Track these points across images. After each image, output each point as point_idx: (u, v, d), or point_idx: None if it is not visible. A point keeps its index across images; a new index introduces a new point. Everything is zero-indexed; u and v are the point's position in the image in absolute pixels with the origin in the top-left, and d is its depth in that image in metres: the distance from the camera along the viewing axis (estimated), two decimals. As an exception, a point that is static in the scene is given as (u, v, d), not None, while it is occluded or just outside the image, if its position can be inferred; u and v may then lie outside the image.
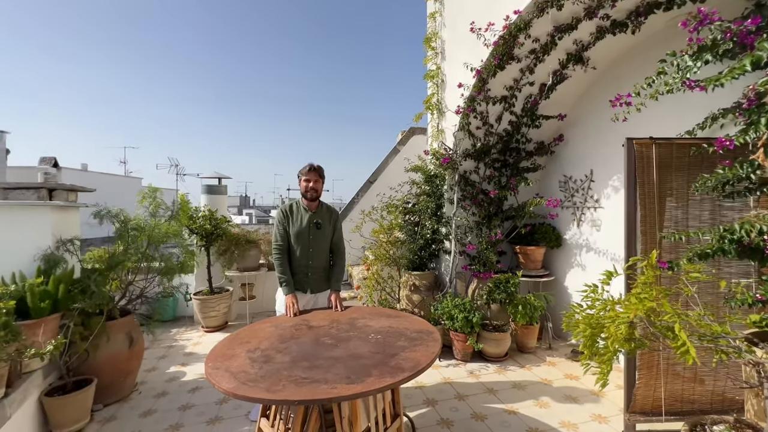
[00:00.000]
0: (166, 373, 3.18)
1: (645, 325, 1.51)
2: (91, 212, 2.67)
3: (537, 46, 2.98)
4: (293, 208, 2.62)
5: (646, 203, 2.10)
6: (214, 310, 4.19)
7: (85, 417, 2.40)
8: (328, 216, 2.66)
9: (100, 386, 2.53)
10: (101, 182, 12.49)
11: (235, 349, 1.80)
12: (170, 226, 3.08)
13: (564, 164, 3.78)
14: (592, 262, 3.49)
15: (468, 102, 3.46)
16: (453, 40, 3.88)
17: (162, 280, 3.02)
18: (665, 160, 2.13)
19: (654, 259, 1.37)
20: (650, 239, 2.13)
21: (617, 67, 3.16)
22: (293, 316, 2.32)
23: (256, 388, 1.40)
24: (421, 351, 1.71)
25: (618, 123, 3.04)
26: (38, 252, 2.40)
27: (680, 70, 1.85)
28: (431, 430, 2.30)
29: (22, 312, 2.12)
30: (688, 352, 1.10)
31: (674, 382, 2.15)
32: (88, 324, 2.50)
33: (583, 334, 1.44)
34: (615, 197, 3.22)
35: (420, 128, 5.55)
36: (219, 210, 4.50)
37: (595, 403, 2.58)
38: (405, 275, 3.88)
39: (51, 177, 2.62)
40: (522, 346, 3.49)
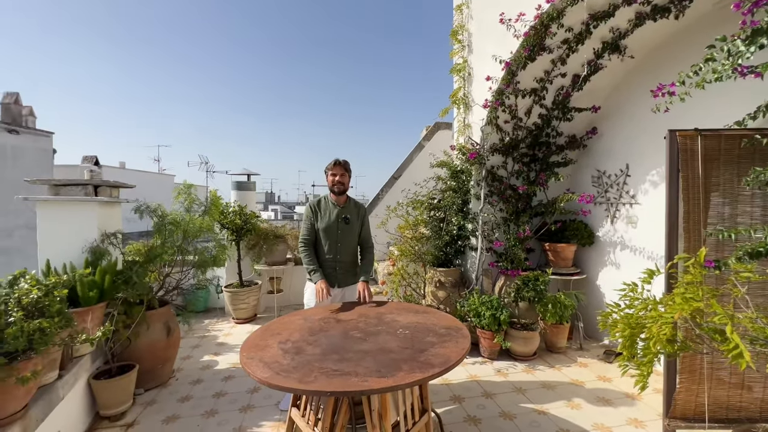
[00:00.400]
0: (200, 362, 3.33)
1: (690, 326, 1.43)
2: (132, 207, 2.81)
3: (570, 35, 2.87)
4: (321, 204, 2.66)
5: (689, 198, 1.99)
6: (244, 302, 4.33)
7: (128, 400, 2.55)
8: (356, 211, 2.69)
9: (141, 372, 2.67)
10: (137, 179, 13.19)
11: (267, 340, 1.86)
12: (203, 221, 3.20)
13: (597, 158, 3.64)
14: (627, 261, 3.34)
15: (496, 95, 3.39)
16: (480, 32, 3.80)
17: (196, 272, 3.15)
18: (711, 153, 2.01)
19: (702, 257, 1.30)
20: (694, 236, 2.01)
21: (657, 55, 2.99)
22: (325, 297, 2.38)
23: (289, 379, 1.43)
24: (450, 347, 1.70)
25: (658, 114, 2.90)
26: (86, 244, 2.56)
27: (731, 56, 1.73)
28: (458, 426, 2.29)
29: (72, 300, 2.27)
30: (741, 356, 1.03)
31: (718, 387, 2.03)
32: (129, 313, 2.65)
33: (622, 335, 1.38)
34: (653, 192, 3.06)
35: (445, 123, 5.48)
36: (248, 206, 4.63)
37: (631, 406, 2.48)
38: (430, 271, 3.86)
39: (96, 174, 2.78)
40: (551, 345, 3.40)
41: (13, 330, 1.54)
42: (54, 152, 13.03)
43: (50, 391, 1.91)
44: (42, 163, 12.29)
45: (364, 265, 2.70)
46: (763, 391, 2.01)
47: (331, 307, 2.39)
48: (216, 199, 4.03)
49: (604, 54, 2.98)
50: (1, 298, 1.66)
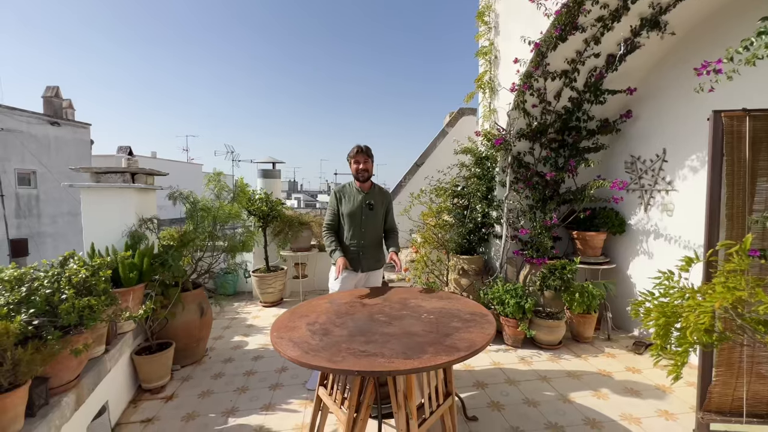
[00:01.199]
0: (231, 342, 3.49)
1: (730, 317, 1.37)
2: (166, 194, 2.94)
3: (606, 12, 2.72)
4: (346, 190, 2.69)
5: (734, 184, 1.88)
6: (271, 286, 4.48)
7: (167, 375, 2.71)
8: (381, 198, 2.69)
9: (177, 350, 2.84)
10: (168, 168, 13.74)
11: (295, 321, 1.92)
12: (232, 208, 3.31)
13: (631, 143, 3.47)
14: (660, 250, 3.21)
15: (524, 78, 3.27)
16: (508, 12, 3.66)
17: (227, 257, 3.27)
18: (760, 135, 1.88)
19: (748, 244, 1.23)
20: (737, 224, 1.91)
21: (700, 32, 2.80)
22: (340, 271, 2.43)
23: (318, 357, 1.49)
24: (476, 332, 1.71)
25: (699, 96, 2.73)
26: (125, 229, 2.71)
27: (787, 28, 1.60)
28: (482, 411, 2.31)
29: (114, 281, 2.42)
30: (788, 346, 0.98)
31: (759, 382, 1.94)
32: (166, 294, 2.80)
33: (656, 323, 1.34)
34: (692, 178, 2.91)
35: (469, 109, 5.37)
36: (274, 193, 4.74)
37: (661, 399, 2.42)
38: (453, 259, 3.85)
39: (133, 162, 2.92)
40: (578, 335, 3.34)
41: (65, 306, 1.66)
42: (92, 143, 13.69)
43: (99, 363, 2.07)
44: (81, 153, 12.95)
45: (392, 239, 2.71)
46: (808, 387, 1.91)
47: (355, 292, 2.44)
48: (243, 187, 4.15)
49: (642, 31, 2.81)
50: (54, 277, 1.79)
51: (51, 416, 1.60)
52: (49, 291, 1.70)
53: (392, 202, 2.80)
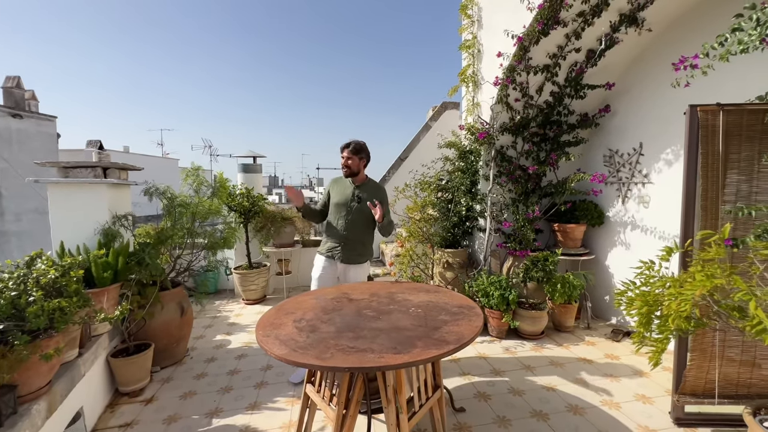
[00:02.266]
0: (213, 341, 3.40)
1: (706, 303, 1.43)
2: (141, 190, 2.81)
3: (587, 7, 2.76)
4: (340, 180, 2.74)
5: (708, 176, 1.95)
6: (254, 283, 4.39)
7: (146, 377, 2.62)
8: (374, 193, 2.62)
9: (156, 350, 2.74)
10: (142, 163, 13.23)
11: (281, 318, 1.88)
12: (212, 203, 3.20)
13: (609, 137, 3.56)
14: (637, 241, 3.32)
15: (507, 72, 3.29)
16: (491, 5, 3.67)
17: (207, 254, 3.17)
18: (732, 129, 1.95)
19: (727, 233, 1.28)
20: (711, 215, 1.98)
21: (676, 28, 2.88)
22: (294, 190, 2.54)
23: (307, 355, 1.46)
24: (464, 325, 1.71)
25: (675, 91, 2.81)
26: (97, 226, 2.57)
27: (760, 25, 1.66)
28: (469, 402, 2.34)
29: (87, 281, 2.30)
30: (766, 331, 1.03)
31: (729, 365, 2.05)
32: (143, 293, 2.69)
33: (639, 312, 1.38)
34: (667, 172, 3.01)
35: (452, 103, 5.38)
36: (255, 188, 4.63)
37: (639, 383, 2.51)
38: (438, 252, 3.87)
39: (105, 156, 2.78)
40: (559, 325, 3.43)
41: (34, 309, 1.56)
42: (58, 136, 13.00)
43: (72, 368, 1.97)
44: (47, 147, 12.28)
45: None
46: (773, 368, 2.02)
47: (342, 288, 2.41)
48: (223, 182, 4.02)
49: (620, 27, 2.87)
50: (20, 278, 1.68)
51: (20, 425, 1.51)
52: (15, 293, 1.60)
53: (387, 198, 2.74)
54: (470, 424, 2.14)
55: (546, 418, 2.18)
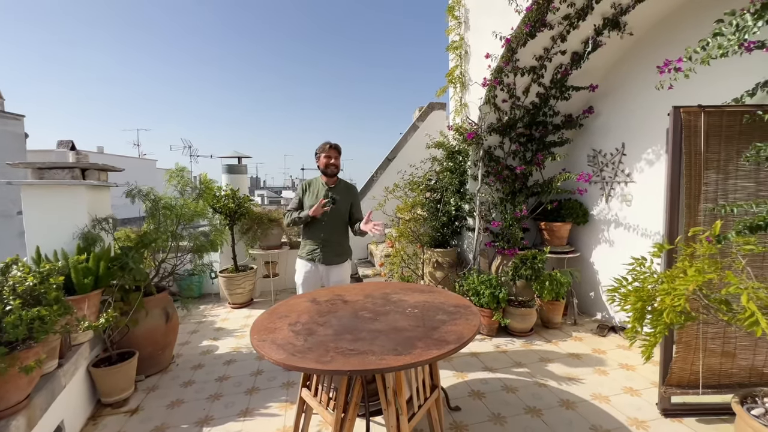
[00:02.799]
0: (199, 347, 3.30)
1: (695, 297, 1.48)
2: (123, 191, 2.70)
3: (572, 11, 2.82)
4: (312, 183, 2.77)
5: (691, 174, 2.02)
6: (240, 287, 4.29)
7: (130, 387, 2.51)
8: (346, 193, 2.74)
9: (141, 358, 2.63)
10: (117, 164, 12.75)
11: (276, 322, 1.84)
12: (198, 205, 3.11)
13: (593, 138, 3.66)
14: (620, 238, 3.42)
15: (495, 73, 3.34)
16: (478, 7, 3.71)
17: (193, 257, 3.08)
18: (713, 129, 2.03)
19: (718, 230, 1.33)
20: (693, 212, 2.06)
21: (656, 33, 2.98)
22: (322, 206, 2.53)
23: (306, 359, 1.42)
24: (462, 324, 1.72)
25: (655, 93, 2.92)
26: (76, 230, 2.46)
27: (738, 30, 1.73)
28: (464, 401, 2.35)
29: (66, 288, 2.19)
30: (757, 323, 1.07)
31: (711, 357, 2.13)
32: (126, 299, 2.59)
33: (633, 307, 1.42)
34: (648, 171, 3.11)
35: (439, 104, 5.42)
36: (240, 189, 4.53)
37: (626, 377, 2.58)
38: (428, 252, 3.88)
39: (83, 157, 2.65)
40: (547, 321, 3.49)
41: (11, 318, 1.47)
42: (26, 136, 12.36)
43: (52, 380, 1.86)
44: (14, 148, 11.65)
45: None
46: (752, 359, 2.12)
47: (335, 289, 2.39)
48: (207, 183, 3.91)
49: (604, 30, 2.95)
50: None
51: (-2, 443, 1.42)
52: (-9, 303, 1.50)
53: (358, 196, 2.86)
54: (466, 422, 2.15)
55: (540, 414, 2.21)
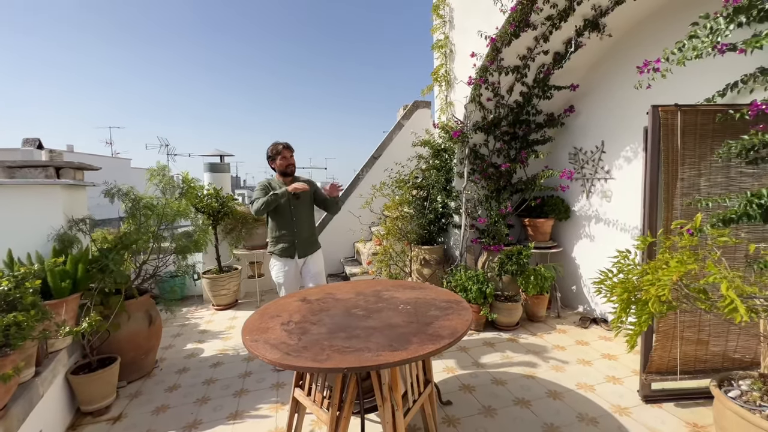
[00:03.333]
0: (183, 350, 3.21)
1: (677, 288, 1.55)
2: (101, 191, 2.59)
3: (555, 12, 2.89)
4: (272, 182, 2.81)
5: (669, 170, 2.11)
6: (225, 288, 4.20)
7: (111, 393, 2.42)
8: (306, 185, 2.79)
9: (123, 364, 2.54)
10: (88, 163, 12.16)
11: (267, 322, 1.81)
12: (180, 205, 3.02)
13: (574, 136, 3.77)
14: (600, 233, 3.54)
15: (480, 72, 3.38)
16: (463, 7, 3.75)
17: (177, 258, 2.99)
18: (688, 128, 2.13)
19: (698, 223, 1.39)
20: (670, 206, 2.15)
21: (633, 34, 3.09)
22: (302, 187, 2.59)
23: (302, 358, 1.41)
24: (455, 319, 1.74)
25: (632, 92, 3.02)
26: (51, 232, 2.35)
27: (712, 33, 1.82)
28: (455, 395, 2.39)
29: (42, 293, 2.09)
30: (737, 310, 1.13)
31: (687, 345, 2.24)
32: (107, 303, 2.49)
33: (620, 298, 1.47)
34: (627, 168, 3.23)
35: (424, 102, 5.44)
36: (223, 188, 4.43)
37: (608, 366, 2.68)
38: (415, 249, 3.91)
39: (57, 155, 2.53)
40: (532, 315, 3.58)
41: (-14, 325, 1.39)
42: (-12, 134, 11.68)
43: (30, 388, 1.77)
44: (-25, 146, 11.00)
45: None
46: (725, 345, 2.24)
47: (325, 288, 2.38)
48: (188, 182, 3.80)
49: (584, 32, 3.04)
50: (-33, 292, 1.49)
51: (-26, 457, 1.34)
52: (-38, 309, 1.42)
53: (318, 186, 3.01)
54: (458, 416, 2.18)
55: (528, 405, 2.27)
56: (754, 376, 1.63)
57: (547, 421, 2.10)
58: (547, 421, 2.10)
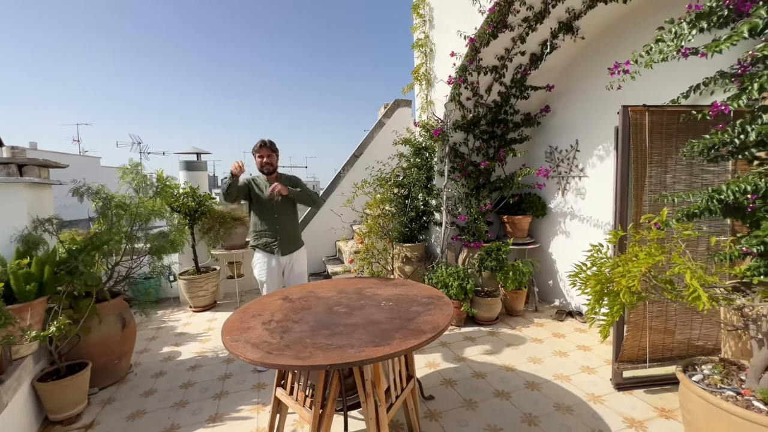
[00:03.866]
0: (160, 354, 3.11)
1: (646, 279, 1.63)
2: (70, 189, 2.47)
3: (531, 14, 2.97)
4: (258, 180, 2.82)
5: (638, 168, 2.21)
6: (203, 289, 4.09)
7: (82, 401, 2.32)
8: (288, 183, 2.82)
9: (95, 369, 2.44)
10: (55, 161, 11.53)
11: (248, 322, 1.78)
12: (155, 204, 2.92)
13: (550, 135, 3.88)
14: (575, 229, 3.66)
15: (460, 72, 3.43)
16: (442, 7, 3.79)
17: (152, 259, 2.89)
18: (656, 127, 2.24)
19: (665, 217, 1.47)
20: (638, 201, 2.26)
21: (605, 37, 3.21)
22: (239, 166, 2.59)
23: (284, 356, 1.40)
24: (436, 314, 1.77)
25: (605, 93, 3.14)
26: (14, 233, 2.22)
27: (676, 37, 1.91)
28: (437, 389, 2.42)
29: (5, 297, 1.98)
30: (699, 298, 1.20)
31: (654, 334, 2.35)
32: (76, 307, 2.39)
33: (593, 290, 1.53)
34: (600, 166, 3.36)
35: (404, 101, 5.47)
36: (200, 187, 4.31)
37: (583, 357, 2.78)
38: (397, 247, 3.93)
39: (19, 152, 2.39)
40: (511, 309, 3.67)
41: (-57, 331, 1.31)
42: (-59, 130, 10.93)
43: (-8, 398, 1.68)
44: (-74, 143, 10.24)
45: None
46: (689, 333, 2.36)
47: (307, 286, 2.36)
48: (163, 180, 3.67)
49: (559, 34, 3.13)
50: None
51: (-70, 472, 1.26)
52: None
53: (301, 180, 2.97)
54: (440, 410, 2.22)
55: (508, 396, 2.32)
56: (715, 360, 1.73)
57: (525, 412, 2.17)
58: (525, 412, 2.17)
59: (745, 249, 1.68)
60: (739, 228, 2.21)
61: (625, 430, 1.99)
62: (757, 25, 1.60)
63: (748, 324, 1.52)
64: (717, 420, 1.43)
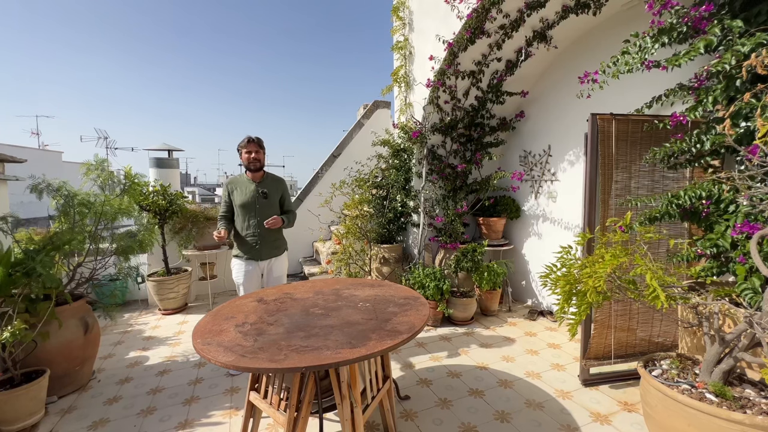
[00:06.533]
0: (125, 359, 2.98)
1: (611, 279, 1.71)
2: (28, 186, 2.33)
3: (507, 21, 3.05)
4: (238, 181, 2.74)
5: (605, 174, 2.32)
6: (173, 291, 3.95)
7: (39, 410, 2.18)
8: (275, 186, 2.78)
9: (54, 377, 2.31)
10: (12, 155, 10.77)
11: (221, 324, 1.74)
12: (122, 202, 2.79)
13: (524, 140, 4.00)
14: (547, 231, 3.79)
15: (438, 75, 3.48)
16: (421, 11, 3.84)
17: (118, 260, 2.77)
18: (622, 135, 2.35)
19: (628, 220, 1.54)
20: (605, 205, 2.36)
21: (576, 47, 3.35)
22: (222, 236, 2.52)
23: (258, 359, 1.37)
24: (412, 315, 1.78)
25: (575, 101, 3.27)
26: (-37, 231, 2.07)
27: (640, 50, 2.02)
28: (412, 389, 2.44)
29: (-48, 300, 1.85)
30: (658, 297, 1.27)
31: (619, 331, 2.47)
32: (34, 311, 2.24)
33: (563, 290, 1.60)
34: (570, 170, 3.49)
35: (384, 102, 5.49)
36: (172, 185, 4.16)
37: (553, 354, 2.88)
38: (374, 248, 3.94)
39: (-30, 144, 2.23)
40: (486, 309, 3.75)
41: None
42: None
43: (-65, 410, 1.55)
44: None
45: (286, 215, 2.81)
46: (650, 331, 2.49)
47: (283, 288, 2.33)
48: (131, 177, 3.52)
49: (534, 42, 3.23)
50: None
51: None
52: None
53: (288, 189, 2.91)
54: (416, 410, 2.24)
55: (482, 394, 2.37)
56: (673, 356, 1.84)
57: (498, 409, 2.22)
58: (498, 409, 2.22)
59: (700, 251, 1.80)
60: (695, 231, 2.36)
61: (592, 424, 2.07)
62: (712, 42, 1.71)
63: (701, 321, 1.63)
64: (674, 411, 1.52)
